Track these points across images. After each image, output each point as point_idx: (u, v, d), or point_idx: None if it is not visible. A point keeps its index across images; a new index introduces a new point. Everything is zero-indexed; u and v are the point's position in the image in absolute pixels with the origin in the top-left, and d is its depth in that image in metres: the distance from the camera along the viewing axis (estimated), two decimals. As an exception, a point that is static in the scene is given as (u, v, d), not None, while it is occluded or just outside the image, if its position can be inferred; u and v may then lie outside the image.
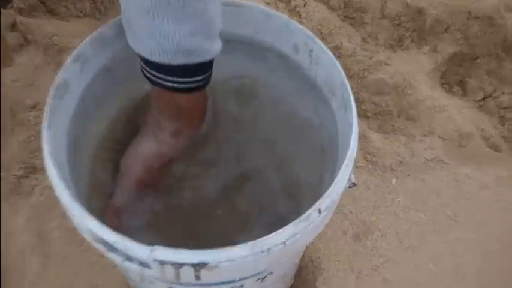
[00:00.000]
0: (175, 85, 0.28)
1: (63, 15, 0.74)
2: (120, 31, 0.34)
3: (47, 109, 0.29)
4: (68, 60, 0.32)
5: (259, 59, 0.40)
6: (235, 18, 0.37)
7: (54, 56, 0.68)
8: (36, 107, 0.62)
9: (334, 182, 0.27)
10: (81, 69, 0.33)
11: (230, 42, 0.37)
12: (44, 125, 0.28)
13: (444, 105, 0.61)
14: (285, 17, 0.37)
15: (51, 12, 0.74)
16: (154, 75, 0.28)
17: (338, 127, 0.35)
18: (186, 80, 0.28)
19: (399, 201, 0.50)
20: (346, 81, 0.33)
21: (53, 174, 0.25)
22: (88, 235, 0.24)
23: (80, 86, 0.33)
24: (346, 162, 0.29)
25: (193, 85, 0.29)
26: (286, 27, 0.36)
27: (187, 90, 0.29)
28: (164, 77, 0.28)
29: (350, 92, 0.32)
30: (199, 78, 0.29)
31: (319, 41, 0.35)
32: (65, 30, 0.71)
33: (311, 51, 0.36)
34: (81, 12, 0.75)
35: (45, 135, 0.27)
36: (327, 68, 0.35)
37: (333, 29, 0.71)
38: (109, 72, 0.34)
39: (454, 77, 0.70)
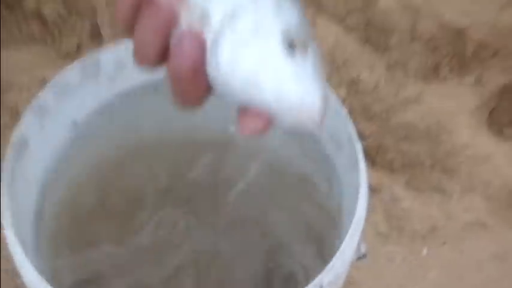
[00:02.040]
0: None
1: (7, 42, 0.84)
2: (87, 75, 0.42)
3: (4, 173, 0.36)
4: (26, 113, 0.39)
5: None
6: None
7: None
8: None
9: (338, 253, 0.33)
10: (41, 124, 0.40)
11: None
12: (3, 191, 0.35)
13: (490, 154, 0.68)
14: None
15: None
16: None
17: (343, 189, 0.42)
18: None
19: (432, 277, 0.55)
20: (355, 134, 0.40)
21: (17, 251, 0.31)
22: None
23: (42, 143, 0.40)
24: (351, 231, 0.35)
25: None
26: None
27: None
28: None
29: (359, 147, 0.39)
30: None
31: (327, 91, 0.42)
32: (9, 62, 0.80)
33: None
34: (30, 37, 0.85)
35: (4, 203, 0.34)
36: (334, 119, 0.42)
37: (349, 57, 0.80)
38: (76, 127, 0.42)
39: (504, 116, 0.77)
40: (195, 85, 0.21)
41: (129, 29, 0.23)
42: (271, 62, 0.19)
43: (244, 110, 0.21)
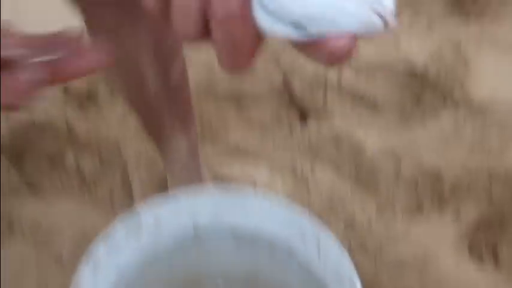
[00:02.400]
0: None
1: (49, 192, 1.03)
2: (131, 231, 0.57)
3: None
4: (81, 267, 0.51)
5: (266, 251, 0.62)
6: (239, 209, 0.61)
7: (42, 247, 0.93)
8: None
9: None
10: (94, 276, 0.53)
11: (237, 238, 0.61)
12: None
13: (474, 281, 0.84)
14: (290, 207, 0.61)
15: (35, 192, 1.03)
16: None
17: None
18: None
19: None
20: (355, 272, 0.56)
21: None
22: None
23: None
24: None
25: None
26: (291, 218, 0.60)
27: None
28: None
29: (359, 285, 0.54)
30: None
31: (326, 231, 0.58)
32: (52, 213, 0.99)
33: (318, 241, 0.60)
34: (69, 188, 1.05)
35: None
36: (335, 259, 0.59)
37: (344, 198, 0.99)
38: (122, 277, 0.56)
39: (482, 245, 0.95)
40: (244, 31, 0.21)
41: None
42: None
43: (321, 40, 0.21)
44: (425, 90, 1.15)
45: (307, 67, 1.15)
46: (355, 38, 0.21)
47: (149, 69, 0.84)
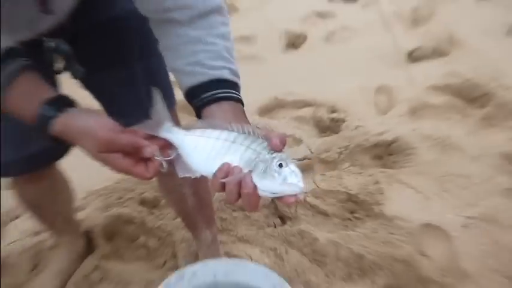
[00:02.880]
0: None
1: (127, 258, 1.55)
2: (179, 279, 1.08)
3: None
4: None
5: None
6: (241, 272, 0.93)
7: None
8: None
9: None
10: None
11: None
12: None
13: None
14: (270, 272, 1.01)
15: (119, 256, 1.54)
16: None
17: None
18: None
19: None
20: None
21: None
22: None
23: None
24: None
25: None
26: (270, 277, 1.06)
27: None
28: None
29: None
30: None
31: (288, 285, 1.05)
32: (128, 270, 1.50)
33: None
34: (140, 256, 1.56)
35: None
36: None
37: (304, 269, 1.48)
38: None
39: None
40: (257, 201, 0.63)
41: (221, 190, 0.63)
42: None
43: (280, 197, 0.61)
44: (356, 208, 1.69)
45: (285, 191, 1.71)
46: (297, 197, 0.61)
47: (188, 190, 1.27)
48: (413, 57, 2.62)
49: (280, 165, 0.62)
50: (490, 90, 2.24)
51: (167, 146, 0.69)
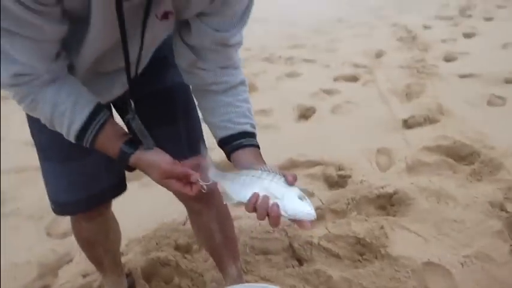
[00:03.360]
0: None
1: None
2: None
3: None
4: None
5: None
6: None
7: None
8: None
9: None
10: None
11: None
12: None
13: None
14: None
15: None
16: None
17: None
18: None
19: None
20: None
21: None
22: None
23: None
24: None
25: None
26: None
27: None
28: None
29: None
30: None
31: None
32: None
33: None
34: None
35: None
36: None
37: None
38: None
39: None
40: (279, 221, 0.78)
41: (253, 211, 0.80)
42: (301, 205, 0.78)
43: (295, 220, 0.78)
44: (365, 250, 1.75)
45: (302, 236, 1.79)
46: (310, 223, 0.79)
47: (215, 226, 1.34)
48: (408, 124, 2.75)
49: (300, 198, 0.78)
50: (476, 150, 2.34)
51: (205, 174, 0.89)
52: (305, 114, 3.08)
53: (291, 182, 0.81)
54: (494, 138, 2.46)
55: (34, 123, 1.12)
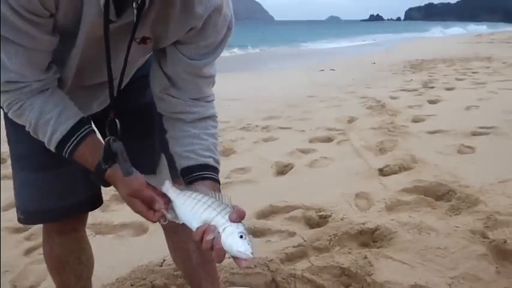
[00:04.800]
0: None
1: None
2: None
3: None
4: None
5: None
6: None
7: None
8: None
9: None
10: None
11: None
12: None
13: None
14: None
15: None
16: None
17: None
18: None
19: None
20: None
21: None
22: None
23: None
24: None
25: None
26: None
27: None
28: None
29: None
30: None
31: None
32: None
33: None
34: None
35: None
36: None
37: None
38: None
39: None
40: (223, 254, 0.80)
41: (200, 241, 0.82)
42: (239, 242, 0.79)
43: (236, 258, 0.78)
44: (350, 281, 1.69)
45: (284, 269, 1.73)
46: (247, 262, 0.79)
47: (191, 246, 1.29)
48: (384, 172, 2.82)
49: (241, 236, 0.79)
50: (452, 188, 2.40)
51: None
52: (283, 170, 3.12)
53: (234, 219, 0.81)
54: (468, 179, 2.54)
55: (12, 132, 1.13)
